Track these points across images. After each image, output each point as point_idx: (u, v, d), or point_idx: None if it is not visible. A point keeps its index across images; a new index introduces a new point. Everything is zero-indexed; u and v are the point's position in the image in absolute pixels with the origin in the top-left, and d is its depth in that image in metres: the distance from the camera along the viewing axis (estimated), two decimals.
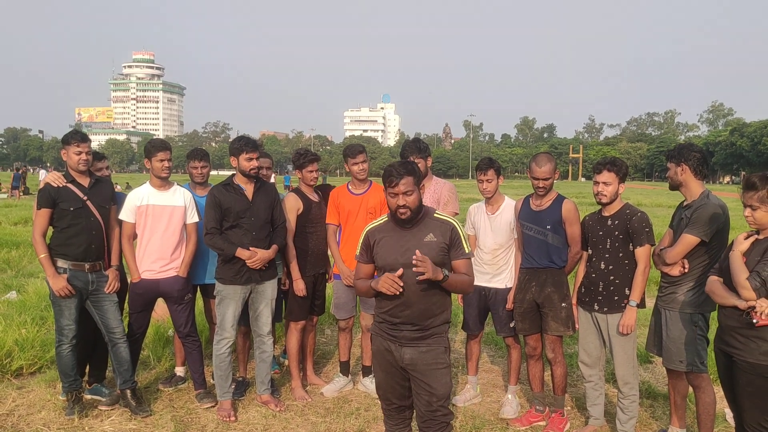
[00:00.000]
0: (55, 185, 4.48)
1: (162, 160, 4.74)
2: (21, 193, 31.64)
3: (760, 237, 3.28)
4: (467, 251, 3.29)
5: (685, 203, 4.14)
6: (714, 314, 3.90)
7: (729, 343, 3.29)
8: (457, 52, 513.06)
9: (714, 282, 3.43)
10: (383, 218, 3.40)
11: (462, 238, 3.27)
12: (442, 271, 3.10)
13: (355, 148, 5.10)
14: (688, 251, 3.95)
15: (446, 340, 3.32)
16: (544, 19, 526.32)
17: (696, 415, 4.14)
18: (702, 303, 3.93)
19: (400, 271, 3.10)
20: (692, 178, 4.05)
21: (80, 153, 4.50)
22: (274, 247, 4.73)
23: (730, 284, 3.30)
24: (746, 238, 3.31)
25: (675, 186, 4.17)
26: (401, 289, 3.09)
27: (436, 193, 4.98)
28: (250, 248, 4.58)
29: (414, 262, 3.03)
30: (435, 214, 3.32)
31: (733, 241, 3.43)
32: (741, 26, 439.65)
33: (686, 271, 3.97)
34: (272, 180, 5.64)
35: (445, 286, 3.18)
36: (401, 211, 3.18)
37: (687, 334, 4.00)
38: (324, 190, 5.37)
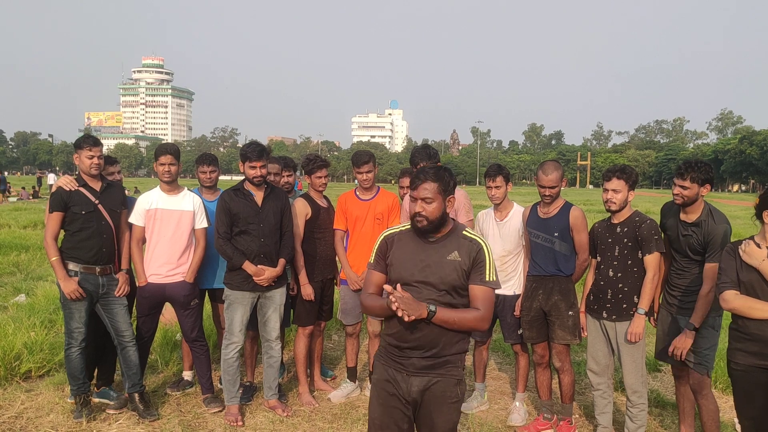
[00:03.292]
0: (68, 189, 4.51)
1: (164, 164, 4.76)
2: (4, 198, 32.24)
3: None
4: (489, 279, 2.81)
5: (683, 216, 4.07)
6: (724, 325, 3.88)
7: None
8: (465, 58, 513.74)
9: (743, 297, 3.23)
10: (405, 225, 3.02)
11: (487, 262, 2.83)
12: (426, 306, 2.70)
13: (361, 158, 5.08)
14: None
15: (461, 372, 2.91)
16: (552, 25, 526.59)
17: (701, 423, 4.10)
18: (719, 305, 3.85)
19: (389, 288, 2.70)
20: (703, 196, 4.01)
21: (92, 157, 4.54)
22: (282, 262, 4.75)
23: (757, 296, 3.20)
24: (752, 246, 3.25)
25: (690, 203, 4.02)
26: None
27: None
28: (258, 266, 4.60)
29: (391, 299, 2.63)
30: (464, 231, 2.91)
31: (734, 251, 3.30)
32: (750, 33, 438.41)
33: None
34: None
35: (435, 322, 2.73)
36: (417, 219, 2.82)
37: (709, 338, 3.97)
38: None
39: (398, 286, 2.72)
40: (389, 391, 2.89)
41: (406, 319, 2.63)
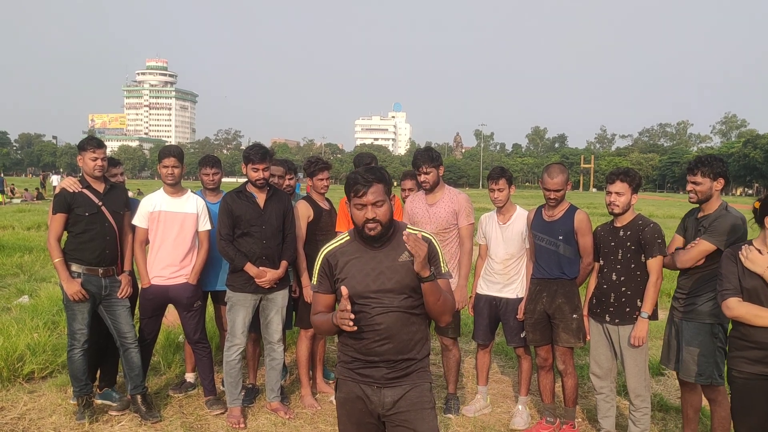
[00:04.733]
0: (71, 190, 4.52)
1: (166, 167, 4.77)
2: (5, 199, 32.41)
3: None
4: (445, 270, 2.77)
5: (700, 215, 4.07)
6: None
7: None
8: (469, 61, 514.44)
9: (747, 305, 3.15)
10: (344, 236, 2.84)
11: (440, 254, 2.76)
12: (430, 268, 2.59)
13: (362, 160, 5.11)
14: (701, 257, 3.91)
15: (430, 376, 2.86)
16: (556, 28, 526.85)
17: (711, 429, 4.08)
18: (721, 313, 3.81)
19: (345, 299, 2.56)
20: (719, 191, 3.99)
21: (96, 159, 4.55)
22: (284, 264, 4.75)
23: (762, 303, 3.14)
24: (755, 252, 3.21)
25: (704, 200, 4.00)
26: (352, 324, 2.51)
27: (454, 204, 4.88)
28: (260, 268, 4.61)
29: (408, 246, 2.49)
30: (408, 229, 2.79)
31: (734, 257, 3.22)
32: (754, 37, 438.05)
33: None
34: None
35: (426, 290, 2.63)
36: (370, 226, 2.64)
37: (707, 345, 3.93)
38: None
39: (345, 297, 2.56)
40: (361, 408, 2.77)
41: (418, 262, 2.50)
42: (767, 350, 3.10)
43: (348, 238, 2.82)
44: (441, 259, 2.77)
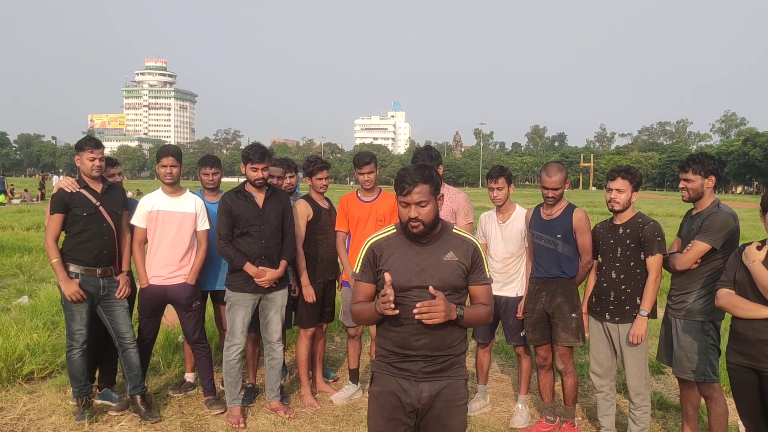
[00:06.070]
0: (69, 191, 4.52)
1: (165, 166, 4.76)
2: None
3: None
4: (488, 276, 2.85)
5: (694, 212, 4.11)
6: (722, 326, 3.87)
7: (758, 358, 3.18)
8: (468, 60, 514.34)
9: (730, 295, 3.31)
10: (390, 229, 2.88)
11: (484, 260, 2.81)
12: (456, 309, 2.65)
13: (362, 159, 5.09)
14: (698, 258, 3.93)
15: (466, 372, 2.90)
16: (556, 27, 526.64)
17: (708, 426, 4.10)
18: (713, 311, 3.88)
19: (388, 285, 2.60)
20: (711, 189, 4.02)
21: (94, 159, 4.54)
22: (283, 263, 4.75)
23: (748, 296, 3.23)
24: (759, 248, 3.27)
25: (696, 198, 4.06)
26: (395, 309, 2.56)
27: (453, 203, 4.90)
28: (260, 267, 4.60)
29: (417, 309, 2.56)
30: (454, 230, 2.84)
31: (740, 252, 3.36)
32: (754, 35, 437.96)
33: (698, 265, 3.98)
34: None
35: (461, 324, 2.75)
36: (413, 224, 2.69)
37: (698, 343, 3.97)
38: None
39: (388, 281, 2.61)
40: (393, 403, 2.79)
41: (430, 321, 2.58)
42: (744, 342, 3.24)
43: (394, 231, 2.85)
44: (485, 265, 2.83)
